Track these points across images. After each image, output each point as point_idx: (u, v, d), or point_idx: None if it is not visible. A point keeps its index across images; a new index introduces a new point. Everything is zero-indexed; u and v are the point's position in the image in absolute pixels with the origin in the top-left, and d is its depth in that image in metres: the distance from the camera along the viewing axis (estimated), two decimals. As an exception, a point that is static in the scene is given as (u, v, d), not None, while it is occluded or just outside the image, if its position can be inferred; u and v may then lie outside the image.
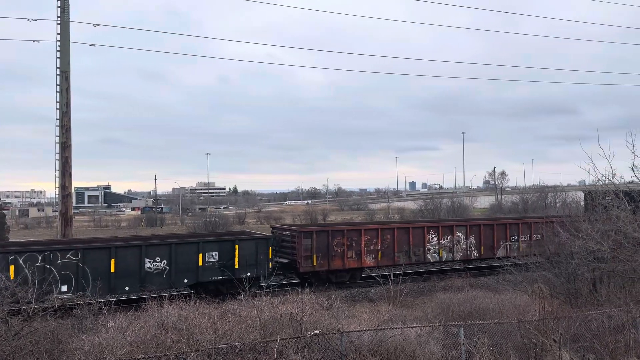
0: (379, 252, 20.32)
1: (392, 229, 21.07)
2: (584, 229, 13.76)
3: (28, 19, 23.19)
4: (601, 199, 14.73)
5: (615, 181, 14.06)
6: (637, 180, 13.19)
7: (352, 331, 9.04)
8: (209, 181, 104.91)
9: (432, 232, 21.66)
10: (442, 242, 21.73)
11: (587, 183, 25.26)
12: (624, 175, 14.43)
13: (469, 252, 22.38)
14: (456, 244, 22.07)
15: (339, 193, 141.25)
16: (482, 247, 22.56)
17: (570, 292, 13.83)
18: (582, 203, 27.04)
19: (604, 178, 13.99)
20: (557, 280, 14.44)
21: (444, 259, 22.13)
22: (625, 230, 12.94)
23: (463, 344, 9.36)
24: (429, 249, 21.44)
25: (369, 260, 20.19)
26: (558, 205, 46.74)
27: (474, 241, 22.48)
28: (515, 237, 23.19)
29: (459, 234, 22.16)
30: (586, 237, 13.45)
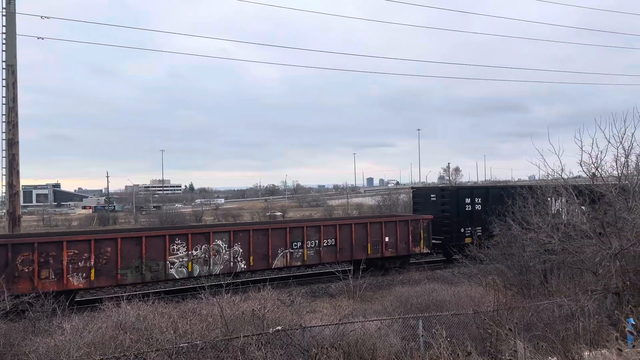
0: (91, 269, 16.02)
1: (114, 239, 16.60)
2: (535, 222, 14.27)
3: (-29, 10, 22.13)
4: (551, 193, 15.30)
5: (564, 176, 14.66)
6: (584, 174, 13.78)
7: (313, 326, 9.10)
8: (164, 178, 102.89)
9: (179, 241, 17.52)
10: (194, 252, 17.75)
11: (537, 177, 26.19)
12: (572, 170, 15.07)
13: (233, 263, 18.38)
14: (214, 255, 18.14)
15: (297, 190, 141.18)
16: (252, 257, 18.76)
17: (522, 283, 14.31)
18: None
19: (553, 173, 14.56)
20: (510, 272, 14.92)
21: (195, 274, 17.86)
22: (573, 223, 13.50)
23: (422, 336, 9.57)
24: (172, 263, 17.35)
25: (75, 281, 15.76)
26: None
27: (241, 250, 18.65)
28: (299, 244, 19.63)
29: (219, 242, 18.25)
30: (537, 229, 13.94)
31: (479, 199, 25.05)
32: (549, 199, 15.56)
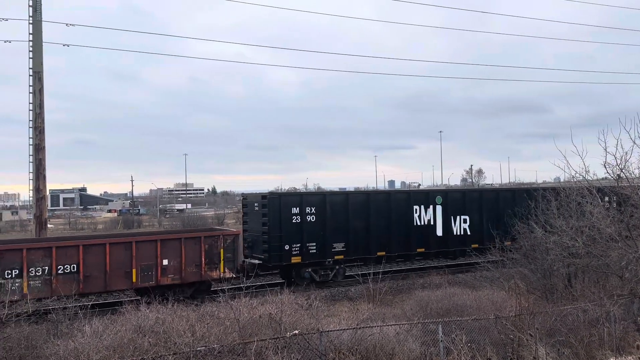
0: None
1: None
2: (558, 225, 13.99)
3: (-1, 19, 22.69)
4: (575, 196, 14.99)
5: (589, 177, 14.34)
6: (609, 176, 13.45)
7: (331, 330, 9.05)
8: (187, 182, 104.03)
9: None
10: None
11: (561, 180, 25.63)
12: (597, 171, 14.72)
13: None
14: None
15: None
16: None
17: (546, 287, 14.04)
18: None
19: (577, 175, 14.26)
20: (533, 276, 14.65)
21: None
22: (598, 226, 13.19)
23: (441, 341, 9.43)
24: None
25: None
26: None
27: None
28: (17, 271, 14.45)
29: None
30: (561, 233, 13.67)
31: (312, 209, 19.43)
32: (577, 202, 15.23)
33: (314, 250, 19.43)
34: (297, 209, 19.32)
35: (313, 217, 19.51)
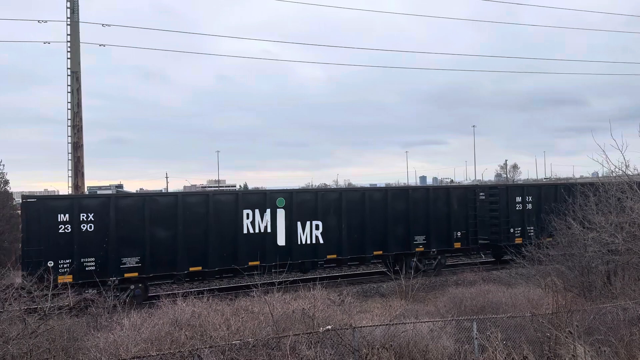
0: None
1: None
2: (597, 222, 13.65)
3: (39, 21, 23.41)
4: (614, 191, 14.59)
5: (629, 172, 13.94)
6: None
7: (364, 326, 9.05)
8: (220, 179, 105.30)
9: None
10: None
11: (600, 175, 24.77)
12: (637, 166, 14.31)
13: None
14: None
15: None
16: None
17: (584, 285, 13.73)
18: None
19: (617, 169, 13.88)
20: (571, 273, 14.34)
21: None
22: (639, 222, 12.82)
23: (476, 338, 9.34)
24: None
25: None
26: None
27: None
28: None
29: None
30: (600, 229, 13.34)
31: (90, 215, 15.45)
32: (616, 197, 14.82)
33: (93, 267, 15.37)
34: (66, 215, 15.20)
35: (91, 226, 15.42)
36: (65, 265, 14.98)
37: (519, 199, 22.83)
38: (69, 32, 22.22)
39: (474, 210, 21.57)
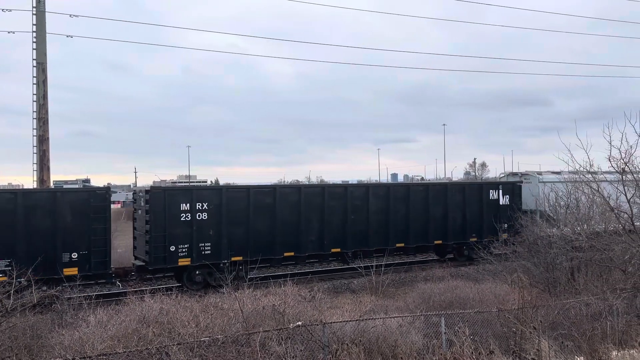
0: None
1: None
2: (562, 219, 14.00)
3: (3, 10, 22.67)
4: (582, 189, 14.98)
5: (592, 171, 14.29)
6: (613, 170, 13.41)
7: (334, 322, 9.07)
8: (190, 174, 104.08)
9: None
10: None
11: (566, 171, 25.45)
12: (601, 165, 14.69)
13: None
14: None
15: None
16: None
17: (548, 281, 14.06)
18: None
19: (581, 168, 14.22)
20: (536, 270, 14.66)
21: None
22: (602, 220, 13.19)
23: (444, 333, 9.46)
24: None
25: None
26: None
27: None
28: None
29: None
30: (564, 226, 13.67)
31: None
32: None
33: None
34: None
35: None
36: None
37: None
38: (34, 22, 21.59)
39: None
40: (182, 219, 16.81)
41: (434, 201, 21.55)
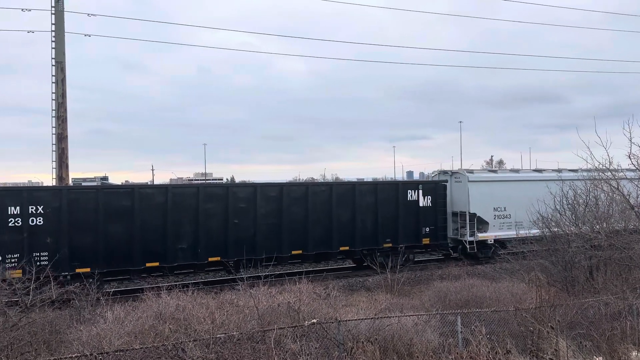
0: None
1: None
2: (581, 217, 13.81)
3: (22, 9, 23.00)
4: (601, 187, 14.76)
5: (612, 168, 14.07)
6: (634, 167, 13.19)
7: (349, 320, 9.06)
8: (206, 171, 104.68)
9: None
10: None
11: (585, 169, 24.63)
12: (621, 163, 14.47)
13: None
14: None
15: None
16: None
17: (567, 280, 13.88)
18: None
19: (601, 166, 14.02)
20: (554, 268, 14.49)
21: None
22: (622, 218, 12.99)
23: (460, 332, 9.40)
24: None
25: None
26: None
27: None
28: None
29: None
30: (583, 224, 13.49)
31: None
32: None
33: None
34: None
35: None
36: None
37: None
38: (53, 22, 21.86)
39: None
40: (10, 224, 14.54)
41: (339, 203, 19.32)
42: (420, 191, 20.97)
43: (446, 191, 21.76)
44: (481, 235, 21.92)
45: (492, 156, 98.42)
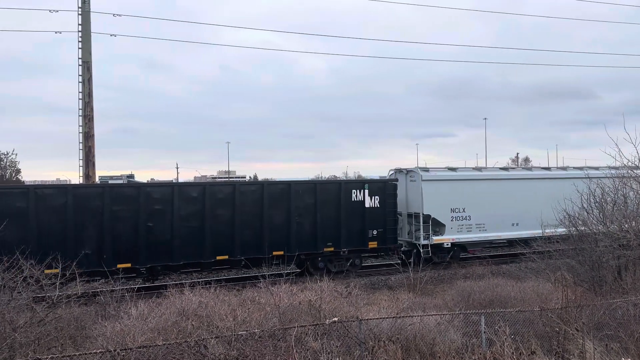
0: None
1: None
2: (609, 216, 13.50)
3: (50, 10, 23.47)
4: (630, 185, 14.42)
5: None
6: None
7: (370, 319, 9.02)
8: (230, 169, 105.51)
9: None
10: None
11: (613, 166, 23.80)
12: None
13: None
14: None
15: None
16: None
17: (594, 279, 13.59)
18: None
19: (630, 163, 13.68)
20: (581, 268, 14.20)
21: None
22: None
23: (484, 332, 9.28)
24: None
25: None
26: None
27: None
28: None
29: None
30: (611, 223, 13.18)
31: None
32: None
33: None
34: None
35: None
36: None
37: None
38: (80, 22, 22.24)
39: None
40: None
41: (272, 203, 18.08)
42: (367, 191, 19.55)
43: (396, 191, 20.30)
44: (437, 239, 20.72)
45: (517, 154, 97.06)
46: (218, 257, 17.34)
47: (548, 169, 25.42)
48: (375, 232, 19.54)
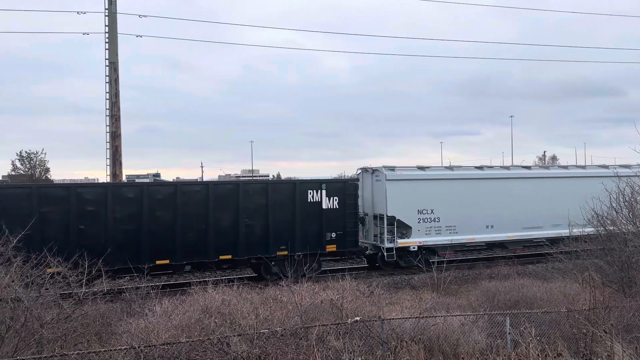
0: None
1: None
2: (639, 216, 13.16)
3: (77, 12, 23.93)
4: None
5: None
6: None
7: (393, 319, 8.98)
8: (253, 168, 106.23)
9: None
10: None
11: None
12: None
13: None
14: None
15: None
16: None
17: (623, 280, 13.26)
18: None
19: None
20: (610, 268, 13.87)
21: None
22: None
23: (509, 333, 9.15)
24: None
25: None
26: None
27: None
28: None
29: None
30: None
31: None
32: None
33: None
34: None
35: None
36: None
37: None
38: (107, 23, 22.60)
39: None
40: None
41: (218, 205, 17.09)
42: (324, 192, 18.44)
43: (357, 191, 19.34)
44: (402, 242, 19.50)
45: (544, 152, 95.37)
46: (158, 262, 16.38)
47: (528, 167, 24.03)
48: (334, 234, 18.53)
